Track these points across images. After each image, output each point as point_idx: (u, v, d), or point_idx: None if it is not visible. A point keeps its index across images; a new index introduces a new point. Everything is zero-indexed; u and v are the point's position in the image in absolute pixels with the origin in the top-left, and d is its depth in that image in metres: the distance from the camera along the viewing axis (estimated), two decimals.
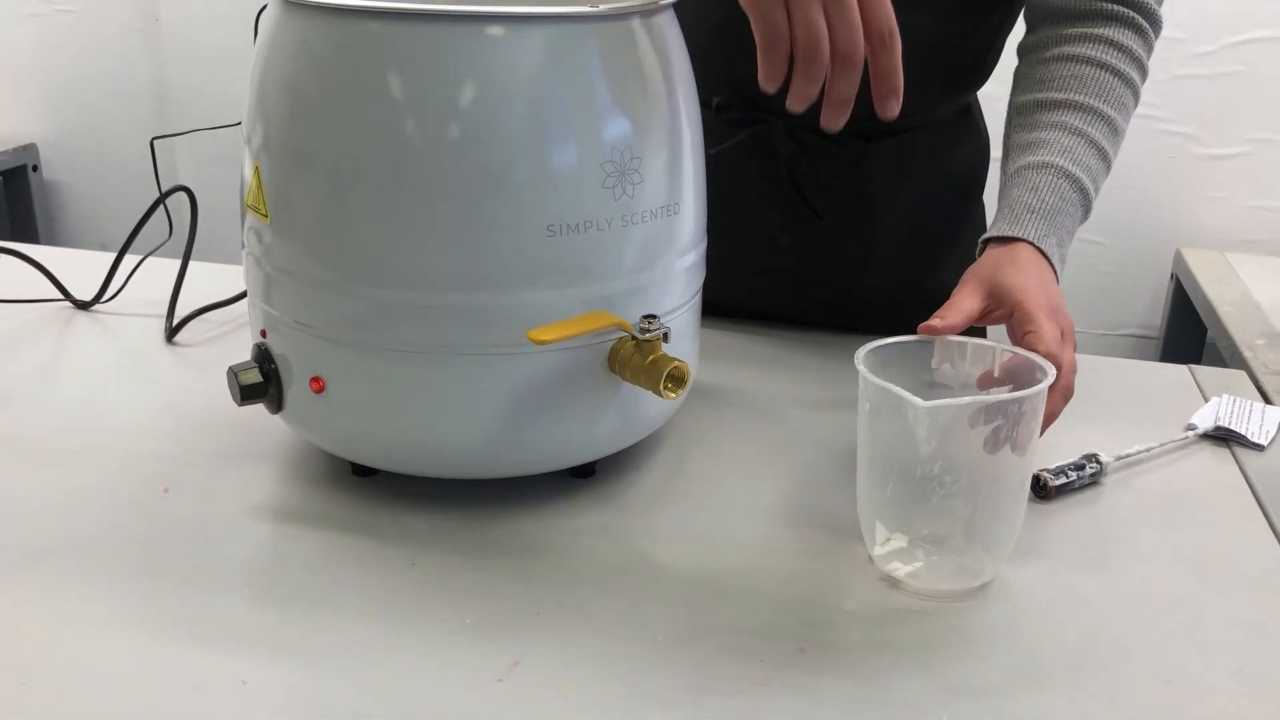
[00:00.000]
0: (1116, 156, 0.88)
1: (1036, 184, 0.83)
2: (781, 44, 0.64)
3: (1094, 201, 0.85)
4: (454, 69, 0.63)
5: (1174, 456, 0.84)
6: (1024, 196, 0.82)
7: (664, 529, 0.72)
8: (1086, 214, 0.86)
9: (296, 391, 0.71)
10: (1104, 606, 0.66)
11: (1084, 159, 0.84)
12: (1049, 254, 0.81)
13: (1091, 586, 0.68)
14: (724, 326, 1.03)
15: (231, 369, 0.73)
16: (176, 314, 1.01)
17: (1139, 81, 0.89)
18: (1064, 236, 0.83)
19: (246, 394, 0.72)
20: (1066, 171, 0.83)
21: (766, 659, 0.59)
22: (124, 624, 0.61)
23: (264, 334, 0.73)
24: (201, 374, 0.92)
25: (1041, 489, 0.77)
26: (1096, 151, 0.85)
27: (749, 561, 0.69)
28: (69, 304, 1.05)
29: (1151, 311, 1.73)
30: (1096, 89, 0.87)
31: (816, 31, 0.62)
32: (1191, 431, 0.87)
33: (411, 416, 0.69)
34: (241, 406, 0.73)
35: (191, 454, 0.79)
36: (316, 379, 0.70)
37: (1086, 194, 0.84)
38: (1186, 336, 1.45)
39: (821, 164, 0.97)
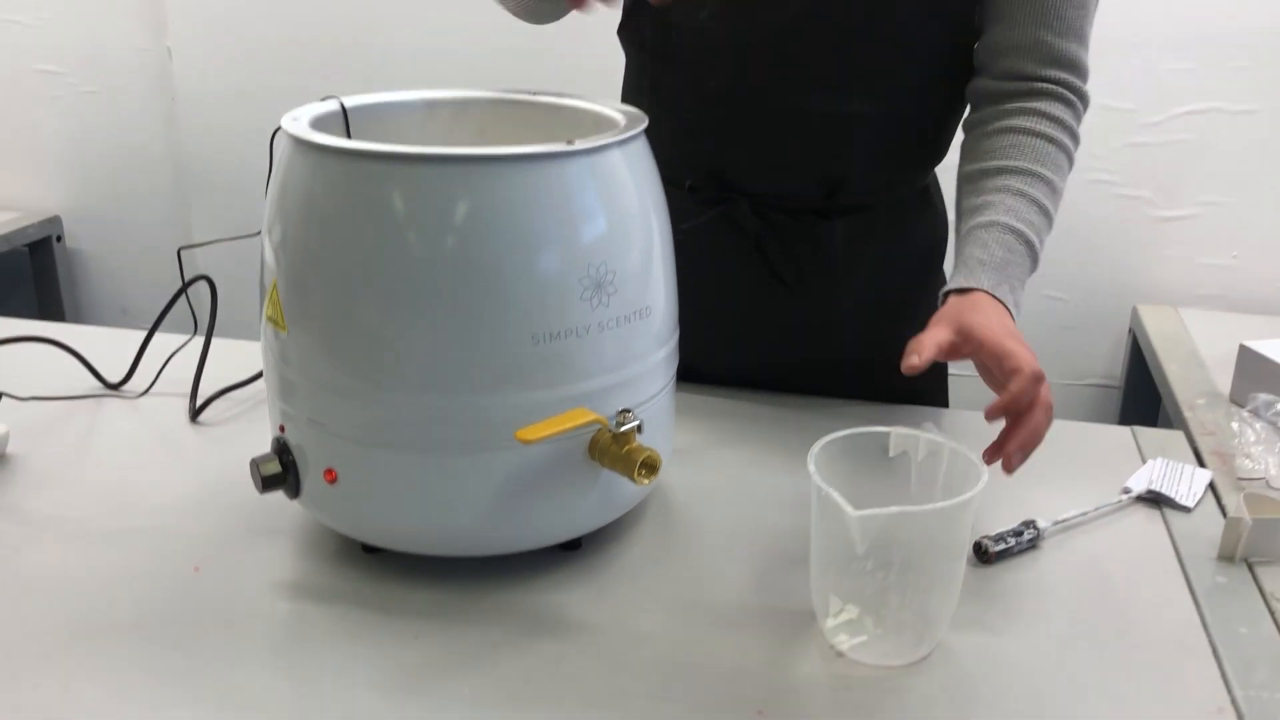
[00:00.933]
0: (1057, 212, 0.97)
1: (986, 241, 0.92)
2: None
3: (1040, 252, 0.94)
4: (448, 202, 0.72)
5: (1108, 520, 0.92)
6: (976, 253, 0.92)
7: (643, 600, 0.80)
8: (1035, 264, 0.94)
9: (312, 481, 0.80)
10: (1035, 671, 0.74)
11: (1027, 216, 0.93)
12: (1004, 300, 0.90)
13: (1025, 650, 0.76)
14: (700, 391, 1.11)
15: (254, 461, 0.81)
16: (200, 394, 1.09)
17: (1071, 146, 0.99)
18: (1015, 285, 0.92)
19: (268, 484, 0.81)
20: (1012, 227, 0.92)
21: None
22: (164, 700, 0.69)
23: (282, 429, 0.82)
24: (225, 452, 1.01)
25: (983, 554, 0.85)
26: (1038, 208, 0.95)
27: (717, 629, 0.77)
28: (100, 385, 1.13)
29: (1113, 362, 1.82)
30: (1033, 155, 0.96)
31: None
32: (1126, 495, 0.95)
33: (415, 503, 0.78)
34: (263, 494, 0.82)
35: (218, 533, 0.87)
36: (329, 470, 0.79)
37: (1032, 246, 0.93)
38: (1145, 388, 1.54)
39: (785, 238, 1.06)
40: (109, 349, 1.18)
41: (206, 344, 1.13)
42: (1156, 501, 0.95)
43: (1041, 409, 0.82)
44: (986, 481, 0.71)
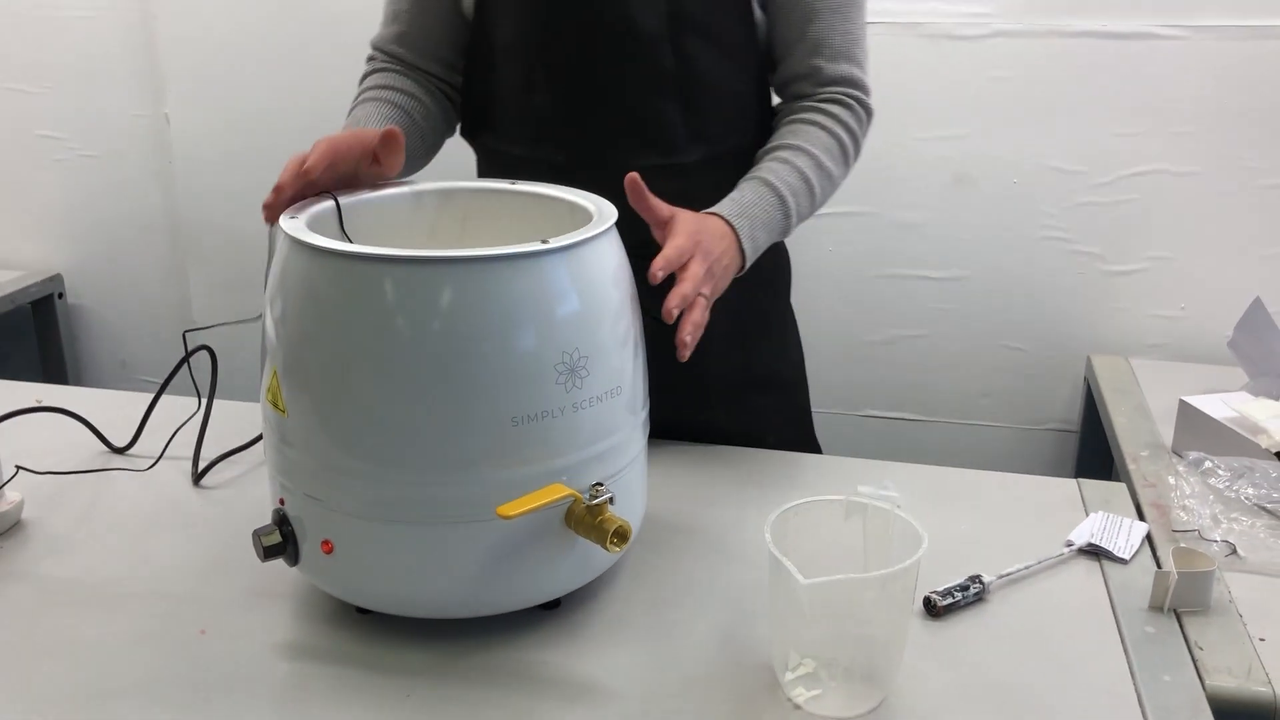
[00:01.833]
0: (825, 183, 1.13)
1: (743, 188, 1.08)
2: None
3: (793, 206, 1.09)
4: (433, 298, 0.79)
5: (1051, 572, 0.99)
6: (732, 195, 1.08)
7: (616, 657, 0.87)
8: (787, 214, 1.09)
9: (310, 550, 0.87)
10: (979, 718, 0.81)
11: (785, 177, 1.09)
12: (737, 229, 1.04)
13: (969, 700, 0.82)
14: (668, 445, 1.18)
15: (256, 532, 0.88)
16: (201, 458, 1.16)
17: (843, 135, 1.13)
18: (756, 224, 1.06)
19: (269, 553, 0.88)
20: (767, 182, 1.08)
21: None
22: None
23: (282, 501, 0.89)
24: (227, 515, 1.07)
25: (932, 609, 0.92)
26: (798, 173, 1.10)
27: (685, 685, 0.83)
28: (106, 449, 1.20)
29: (1070, 408, 1.90)
30: (804, 136, 1.12)
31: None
32: (1068, 548, 1.02)
33: (406, 570, 0.85)
34: (264, 563, 0.88)
35: (222, 596, 0.94)
36: (326, 542, 0.85)
37: (784, 198, 1.08)
38: (1099, 435, 1.62)
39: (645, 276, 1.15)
40: (113, 411, 1.24)
41: (208, 411, 1.20)
42: (1096, 554, 1.02)
43: (674, 296, 0.93)
44: (927, 548, 0.78)
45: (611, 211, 0.91)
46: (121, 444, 1.20)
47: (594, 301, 0.85)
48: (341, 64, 1.20)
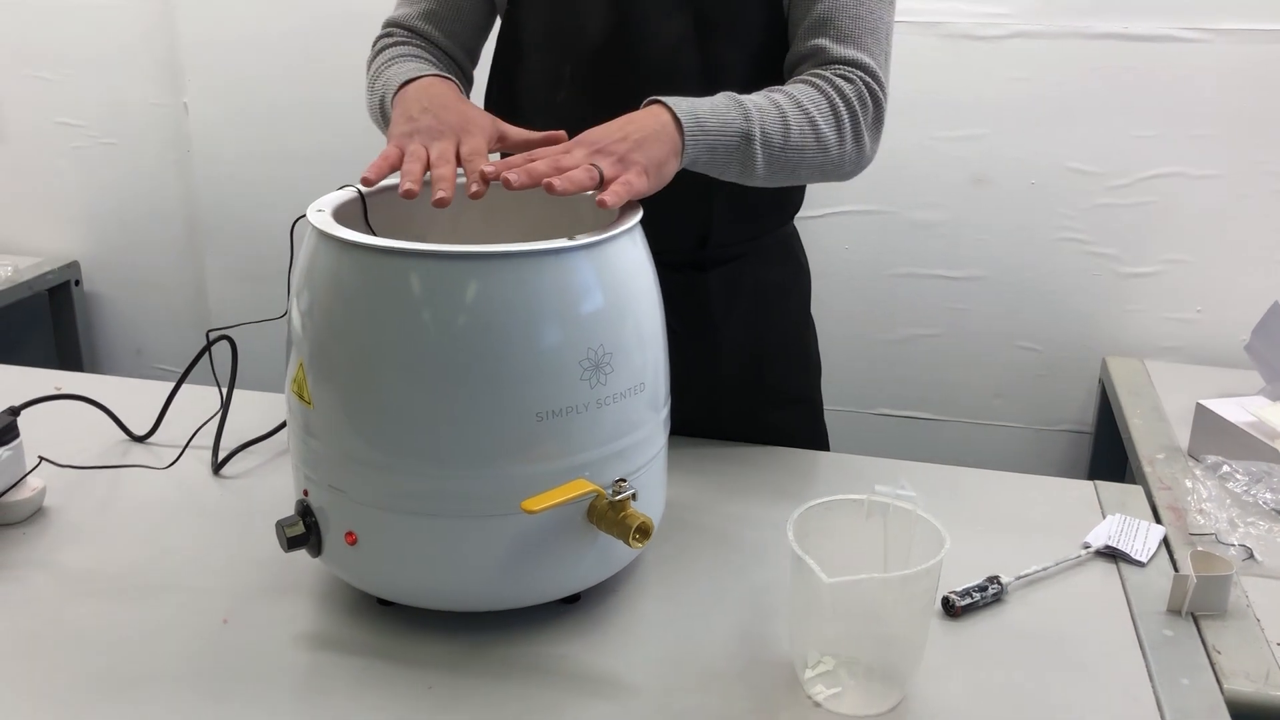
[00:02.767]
0: (804, 122, 1.01)
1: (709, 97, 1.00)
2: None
3: (755, 121, 0.98)
4: (460, 294, 0.80)
5: (1068, 574, 1.00)
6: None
7: (636, 653, 0.87)
8: (748, 119, 0.98)
9: (333, 542, 0.87)
10: (996, 719, 0.81)
11: (757, 100, 1.00)
12: (667, 103, 0.96)
13: (987, 700, 0.83)
14: (687, 444, 1.18)
15: (279, 523, 0.89)
16: (221, 448, 1.16)
17: (837, 100, 1.04)
18: (703, 113, 0.96)
19: (292, 544, 0.88)
20: (733, 96, 1.00)
21: None
22: None
23: (306, 492, 0.89)
24: (248, 506, 1.08)
25: (950, 609, 0.92)
26: (773, 104, 1.01)
27: (704, 681, 0.84)
28: (126, 438, 1.21)
29: (1085, 409, 1.90)
30: (796, 88, 1.04)
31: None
32: (1085, 550, 1.02)
33: (429, 563, 0.85)
34: (287, 553, 0.89)
35: (243, 587, 0.94)
36: (350, 533, 0.86)
37: (740, 102, 0.99)
38: (1113, 437, 1.62)
39: (666, 291, 1.14)
40: (130, 399, 1.25)
41: (227, 401, 1.20)
42: (1113, 556, 1.02)
43: (570, 148, 0.90)
44: (949, 548, 0.79)
45: (636, 209, 0.92)
46: (141, 432, 1.21)
47: (619, 298, 0.85)
48: (361, 57, 1.20)
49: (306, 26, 2.02)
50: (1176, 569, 1.01)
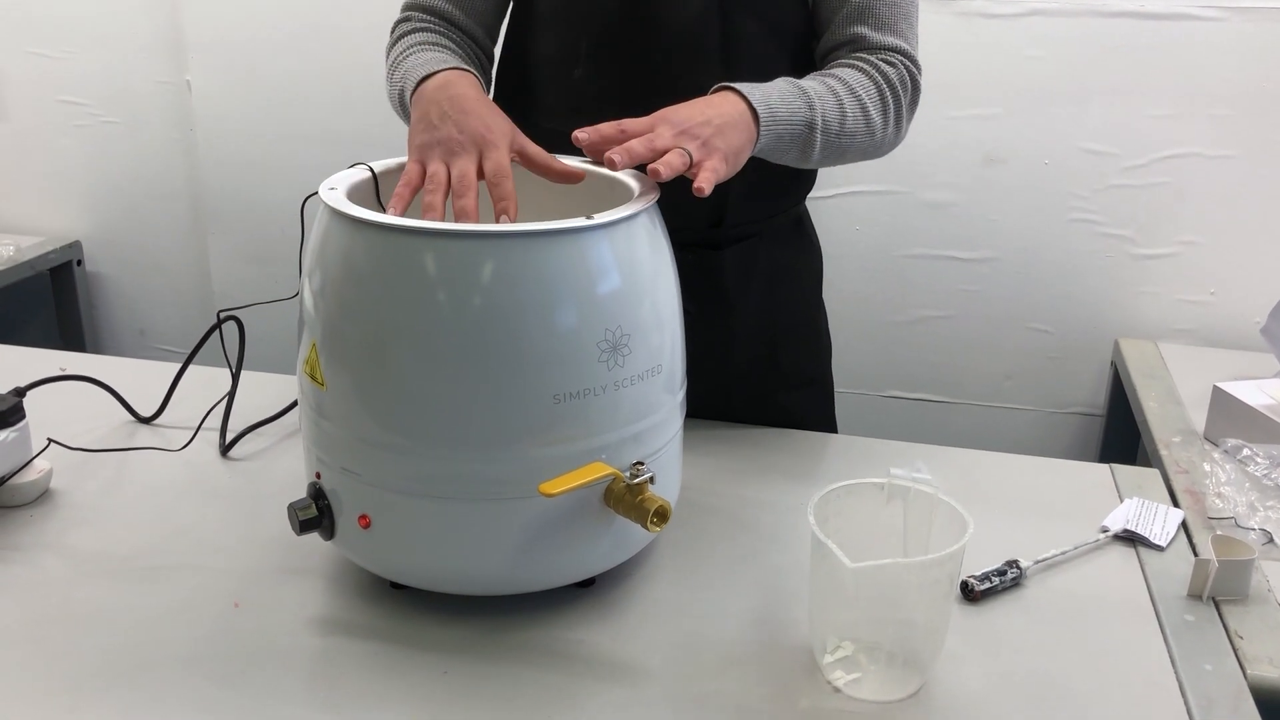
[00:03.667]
0: (856, 108, 1.04)
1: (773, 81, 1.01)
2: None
3: (816, 104, 1.01)
4: (476, 274, 0.78)
5: (1087, 558, 0.99)
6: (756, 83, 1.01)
7: (652, 637, 0.86)
8: (811, 108, 1.00)
9: (346, 525, 0.86)
10: (1017, 704, 0.80)
11: (815, 87, 1.02)
12: (741, 90, 0.97)
13: (1007, 685, 0.82)
14: (701, 425, 1.17)
15: (292, 506, 0.87)
16: (229, 429, 1.15)
17: (885, 87, 1.06)
18: (774, 101, 0.98)
19: (304, 527, 0.87)
20: (794, 82, 1.02)
21: None
22: None
23: (318, 475, 0.88)
24: (257, 488, 1.06)
25: (970, 593, 0.91)
26: (820, 82, 1.03)
27: (721, 666, 0.83)
28: (133, 419, 1.19)
29: (1096, 392, 1.89)
30: (839, 72, 1.06)
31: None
32: (1104, 534, 1.01)
33: (443, 547, 0.84)
34: (300, 536, 0.88)
35: (255, 570, 0.93)
36: (363, 516, 0.85)
37: (807, 93, 1.01)
38: (1126, 419, 1.60)
39: (681, 270, 1.13)
40: (135, 380, 1.23)
41: (235, 382, 1.19)
42: (1132, 540, 1.01)
43: (656, 127, 0.90)
44: (973, 533, 0.78)
45: (653, 188, 0.90)
46: (147, 414, 1.20)
47: (637, 279, 0.84)
48: (365, 33, 1.18)
49: (310, 2, 1.99)
50: (1196, 553, 1.00)
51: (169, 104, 2.12)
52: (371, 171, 0.94)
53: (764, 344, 1.22)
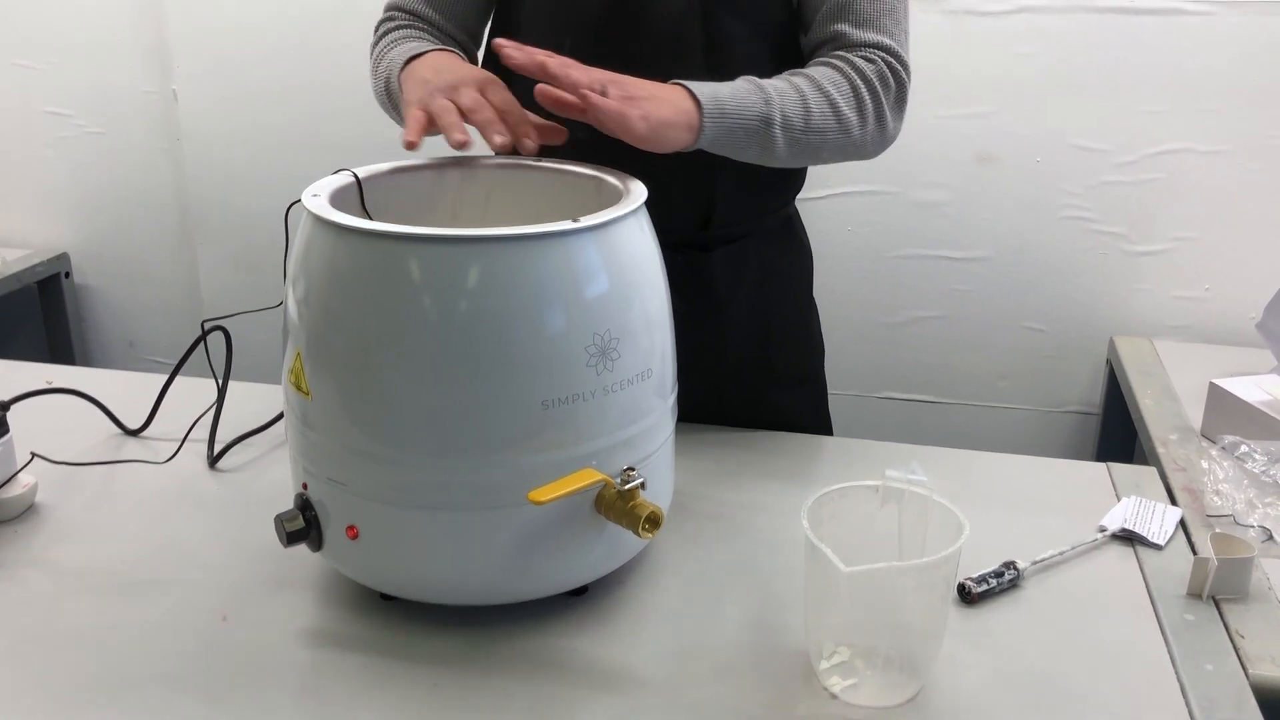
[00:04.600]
0: (823, 105, 1.02)
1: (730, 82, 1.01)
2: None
3: (776, 105, 0.99)
4: (462, 278, 0.77)
5: (1085, 559, 0.98)
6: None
7: (646, 645, 0.85)
8: (768, 103, 0.99)
9: (334, 536, 0.85)
10: (1016, 707, 0.79)
11: (776, 84, 1.01)
12: (695, 91, 0.96)
13: (1006, 688, 0.81)
14: (691, 429, 1.16)
15: (279, 517, 0.86)
16: (216, 441, 1.14)
17: (860, 83, 1.04)
18: (723, 95, 0.97)
19: (291, 538, 0.86)
20: (754, 80, 1.01)
21: None
22: None
23: (305, 486, 0.87)
24: (244, 500, 1.05)
25: (967, 595, 0.90)
26: (793, 87, 1.01)
27: (716, 673, 0.82)
28: (120, 431, 1.18)
29: (1091, 390, 1.88)
30: (810, 70, 1.05)
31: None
32: (1101, 533, 1.00)
33: (433, 557, 0.83)
34: (287, 548, 0.86)
35: (242, 583, 0.92)
36: (351, 527, 0.83)
37: (764, 90, 0.99)
38: (1122, 417, 1.60)
39: (670, 271, 1.11)
40: (123, 392, 1.22)
41: (222, 393, 1.18)
42: (1130, 539, 1.00)
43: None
44: (969, 534, 0.77)
45: (641, 190, 0.89)
46: (134, 426, 1.18)
47: (625, 282, 0.83)
48: (351, 42, 1.17)
49: (296, 10, 1.98)
50: (1195, 551, 0.99)
51: (155, 114, 2.11)
52: (355, 177, 0.93)
53: (756, 343, 1.21)
